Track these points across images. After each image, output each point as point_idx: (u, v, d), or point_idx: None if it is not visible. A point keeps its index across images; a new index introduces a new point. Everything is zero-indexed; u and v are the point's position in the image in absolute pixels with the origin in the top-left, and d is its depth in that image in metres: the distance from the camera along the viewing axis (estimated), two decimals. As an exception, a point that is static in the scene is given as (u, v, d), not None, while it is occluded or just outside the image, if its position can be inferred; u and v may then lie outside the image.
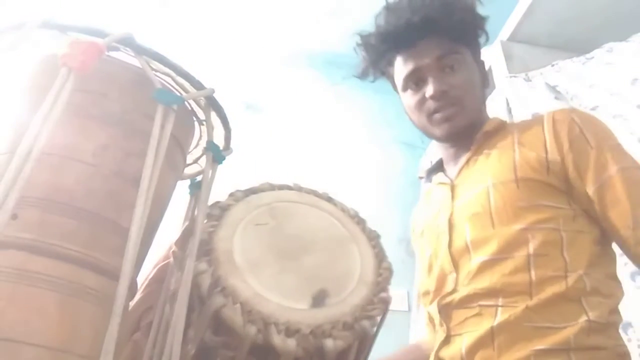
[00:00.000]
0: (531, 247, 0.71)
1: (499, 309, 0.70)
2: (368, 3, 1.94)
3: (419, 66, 0.84)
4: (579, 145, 0.74)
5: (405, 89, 0.87)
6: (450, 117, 0.82)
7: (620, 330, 0.73)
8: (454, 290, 0.76)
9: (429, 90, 0.82)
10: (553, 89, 1.74)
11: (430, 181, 0.96)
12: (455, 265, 0.77)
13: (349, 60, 0.93)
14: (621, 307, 0.74)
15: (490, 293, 0.71)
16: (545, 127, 0.77)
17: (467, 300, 0.74)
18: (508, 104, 1.82)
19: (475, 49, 0.88)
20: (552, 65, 1.79)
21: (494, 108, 1.82)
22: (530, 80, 1.82)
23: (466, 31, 0.85)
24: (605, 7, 1.90)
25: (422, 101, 0.84)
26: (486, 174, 0.79)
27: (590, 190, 0.72)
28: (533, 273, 0.70)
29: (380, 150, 2.48)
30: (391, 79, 0.92)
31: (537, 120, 0.80)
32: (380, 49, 0.89)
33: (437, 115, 0.83)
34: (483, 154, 0.83)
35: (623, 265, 1.18)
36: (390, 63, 0.89)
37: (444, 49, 0.83)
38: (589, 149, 0.73)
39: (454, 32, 0.84)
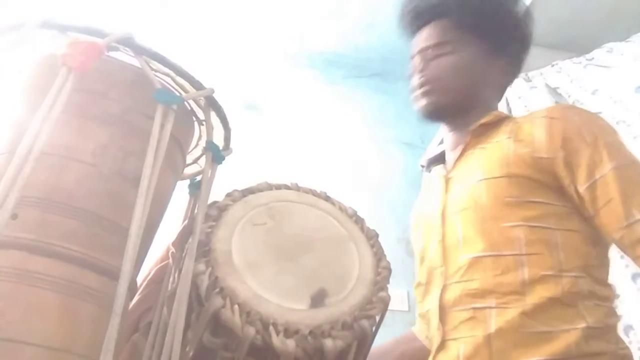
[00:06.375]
0: (523, 245, 0.70)
1: (493, 311, 0.69)
2: (368, 3, 1.95)
3: (419, 49, 0.89)
4: (573, 142, 0.72)
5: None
6: (427, 93, 0.86)
7: (622, 333, 0.72)
8: (444, 287, 0.76)
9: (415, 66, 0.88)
10: (554, 91, 1.73)
11: (430, 172, 0.96)
12: (445, 260, 0.77)
13: (349, 60, 0.95)
14: (622, 310, 0.73)
15: (482, 294, 0.70)
16: (541, 124, 0.76)
17: (460, 302, 0.73)
18: (508, 104, 1.82)
19: (490, 41, 0.88)
20: (552, 65, 1.79)
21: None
22: (530, 80, 1.82)
23: (471, 19, 0.87)
24: (605, 8, 1.90)
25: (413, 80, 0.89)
26: (479, 169, 0.78)
27: (582, 187, 0.70)
28: (525, 271, 0.68)
29: (380, 150, 2.48)
30: None
31: (536, 115, 0.79)
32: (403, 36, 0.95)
33: (417, 91, 0.87)
34: (479, 147, 0.82)
35: (624, 267, 1.16)
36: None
37: (441, 36, 0.87)
38: (583, 147, 0.71)
39: (458, 19, 0.87)
